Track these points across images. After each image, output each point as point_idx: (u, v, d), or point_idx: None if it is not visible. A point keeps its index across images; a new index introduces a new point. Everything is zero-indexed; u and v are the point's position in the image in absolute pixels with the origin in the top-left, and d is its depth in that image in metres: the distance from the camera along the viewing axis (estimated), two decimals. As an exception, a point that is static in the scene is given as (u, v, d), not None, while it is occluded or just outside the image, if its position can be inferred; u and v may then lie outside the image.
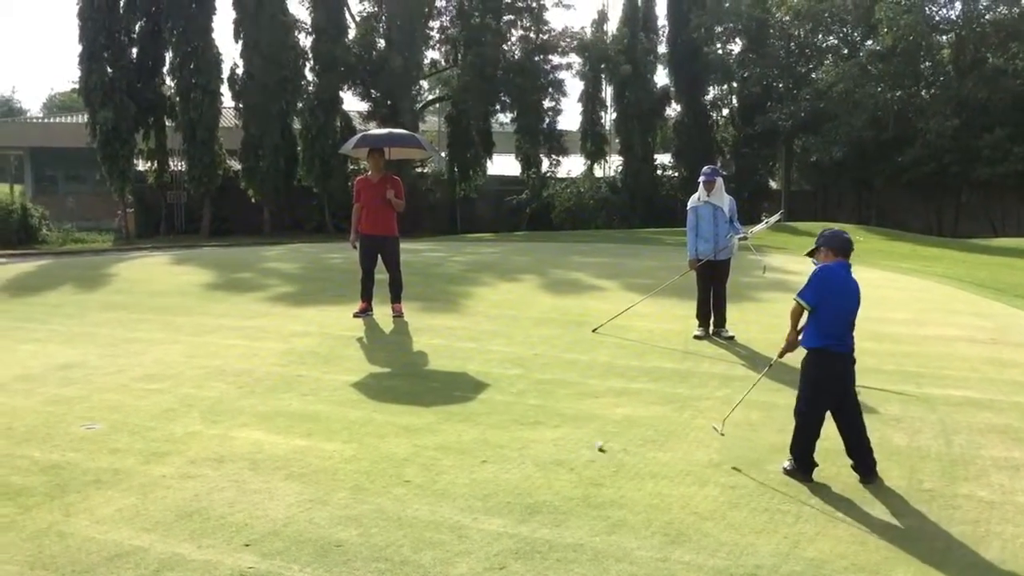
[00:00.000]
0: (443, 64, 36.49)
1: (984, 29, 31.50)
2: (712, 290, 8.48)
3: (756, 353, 7.74)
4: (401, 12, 31.87)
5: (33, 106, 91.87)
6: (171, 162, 31.19)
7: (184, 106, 29.07)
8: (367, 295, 9.08)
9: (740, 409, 5.72)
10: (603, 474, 4.84)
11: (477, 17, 33.20)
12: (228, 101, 31.12)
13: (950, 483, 4.78)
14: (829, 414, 4.84)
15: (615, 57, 34.03)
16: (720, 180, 8.48)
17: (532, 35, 34.97)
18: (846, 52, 34.93)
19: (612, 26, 36.33)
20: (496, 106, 35.39)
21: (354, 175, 24.40)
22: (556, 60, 35.32)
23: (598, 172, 36.56)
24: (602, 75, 35.41)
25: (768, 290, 10.96)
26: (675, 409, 6.10)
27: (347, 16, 33.36)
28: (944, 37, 33.17)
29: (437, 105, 39.48)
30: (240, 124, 30.60)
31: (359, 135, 9.87)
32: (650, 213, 33.79)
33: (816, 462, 4.80)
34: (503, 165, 36.79)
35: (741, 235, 8.38)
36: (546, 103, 35.07)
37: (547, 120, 35.08)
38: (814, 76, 34.40)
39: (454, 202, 34.74)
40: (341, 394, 6.47)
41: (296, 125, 31.38)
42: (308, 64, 31.72)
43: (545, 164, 35.79)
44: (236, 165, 30.89)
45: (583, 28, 37.03)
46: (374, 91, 32.45)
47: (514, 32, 35.12)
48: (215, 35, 29.96)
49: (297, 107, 31.24)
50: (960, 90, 30.59)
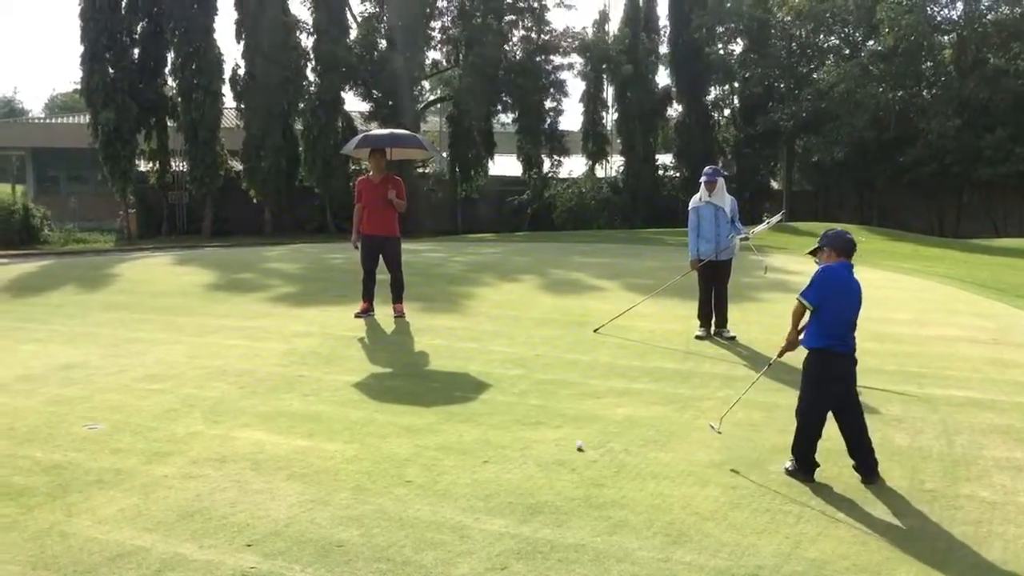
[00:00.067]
0: (444, 64, 36.50)
1: (986, 29, 31.47)
2: (714, 290, 8.48)
3: (757, 353, 7.74)
4: (402, 12, 31.91)
5: (35, 107, 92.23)
6: (173, 162, 31.25)
7: (186, 106, 29.13)
8: (368, 295, 9.08)
9: (742, 409, 5.72)
10: (605, 474, 4.83)
11: (478, 17, 33.21)
12: (230, 101, 31.25)
13: (952, 484, 4.78)
14: (831, 414, 4.84)
15: (616, 57, 34.05)
16: (721, 180, 8.48)
17: (533, 35, 35.00)
18: (848, 52, 34.91)
19: (613, 26, 36.45)
20: (497, 106, 35.45)
21: (355, 175, 24.43)
22: (557, 60, 35.45)
23: (599, 172, 36.62)
24: (603, 75, 35.45)
25: (769, 290, 10.96)
26: (677, 409, 6.10)
27: (348, 16, 33.41)
28: (946, 37, 33.15)
29: (439, 105, 39.50)
30: (242, 124, 30.66)
31: (360, 135, 9.85)
32: (651, 213, 33.81)
33: (818, 462, 4.80)
34: (504, 165, 36.81)
35: (742, 235, 8.38)
36: (547, 103, 35.12)
37: (548, 120, 35.13)
38: (815, 76, 34.42)
39: (455, 202, 34.77)
40: (343, 394, 6.47)
41: (298, 125, 31.44)
42: (310, 64, 31.78)
43: (546, 164, 35.85)
44: (238, 165, 30.96)
45: (584, 28, 37.13)
46: (376, 91, 32.49)
47: (515, 32, 35.18)
48: (217, 36, 30.05)
49: (299, 107, 31.31)
50: (962, 90, 30.58)
